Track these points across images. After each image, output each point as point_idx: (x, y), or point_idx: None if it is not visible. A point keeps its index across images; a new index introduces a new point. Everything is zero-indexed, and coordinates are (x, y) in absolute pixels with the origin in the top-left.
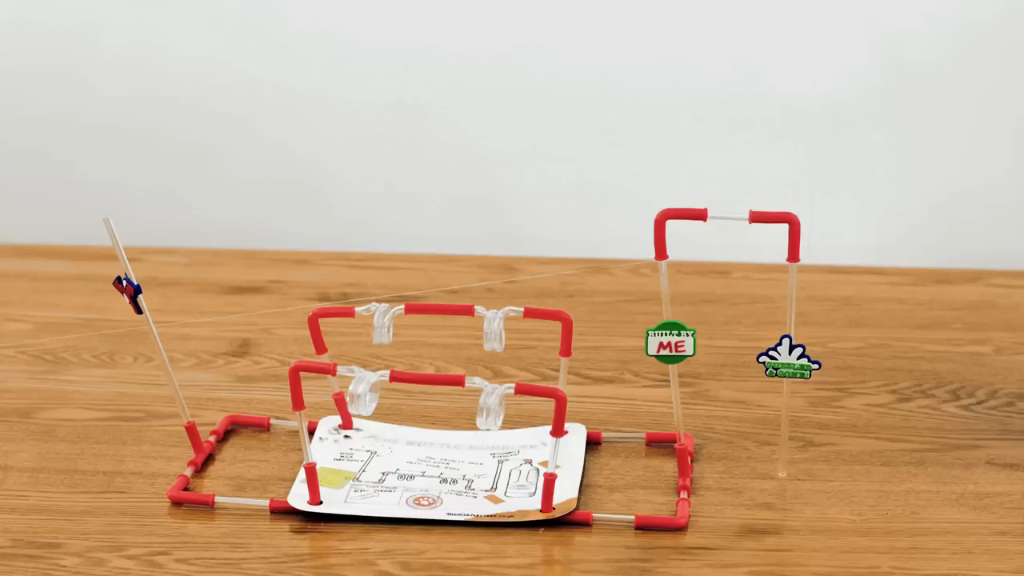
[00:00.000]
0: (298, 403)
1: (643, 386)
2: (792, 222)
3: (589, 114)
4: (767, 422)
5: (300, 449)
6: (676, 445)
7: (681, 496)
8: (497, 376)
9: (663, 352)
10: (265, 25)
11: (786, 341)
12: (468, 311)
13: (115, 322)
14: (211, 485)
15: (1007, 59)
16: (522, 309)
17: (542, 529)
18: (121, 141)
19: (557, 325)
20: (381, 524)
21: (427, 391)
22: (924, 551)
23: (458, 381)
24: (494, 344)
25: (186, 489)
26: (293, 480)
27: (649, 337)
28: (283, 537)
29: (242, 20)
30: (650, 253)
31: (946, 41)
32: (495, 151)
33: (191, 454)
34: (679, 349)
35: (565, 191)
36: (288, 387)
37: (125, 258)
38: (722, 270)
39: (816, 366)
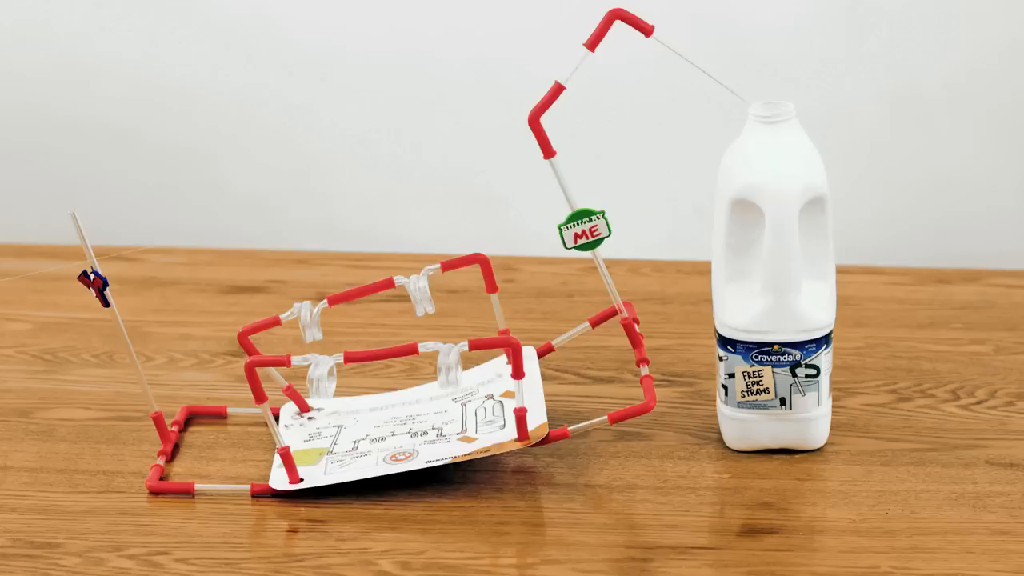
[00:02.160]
0: (260, 397)
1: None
2: (621, 17)
3: (589, 113)
4: None
5: (262, 438)
6: (620, 320)
7: (643, 372)
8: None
9: (581, 241)
10: (265, 26)
11: None
12: (388, 284)
13: (114, 322)
14: (185, 476)
15: (1007, 58)
16: (439, 265)
17: (521, 443)
18: (121, 141)
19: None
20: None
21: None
22: (924, 551)
23: (411, 350)
24: (425, 306)
25: (162, 479)
26: (268, 466)
27: (563, 232)
28: (282, 537)
29: (242, 22)
30: (651, 252)
31: (947, 41)
32: (494, 151)
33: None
34: (595, 233)
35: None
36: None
37: (91, 251)
38: None
39: None
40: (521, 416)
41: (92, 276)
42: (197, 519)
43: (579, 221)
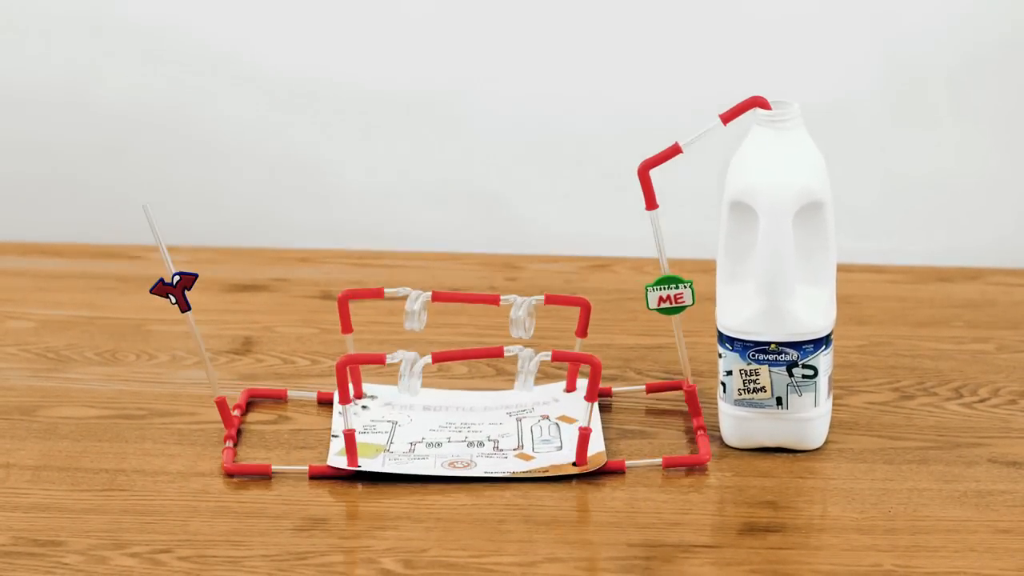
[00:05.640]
0: (345, 398)
1: (646, 383)
2: (761, 104)
3: (589, 113)
4: None
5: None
6: (684, 387)
7: (699, 434)
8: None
9: (664, 305)
10: (269, 23)
11: None
12: (494, 300)
13: (117, 320)
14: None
15: (1009, 58)
16: (543, 296)
17: (574, 481)
18: (123, 139)
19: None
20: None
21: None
22: (926, 549)
23: (497, 352)
24: (520, 332)
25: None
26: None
27: (648, 292)
28: (285, 535)
29: (247, 18)
30: (652, 250)
31: (948, 43)
32: (497, 149)
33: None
34: (679, 301)
35: (567, 189)
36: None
37: (166, 252)
38: None
39: None
40: (585, 436)
41: (176, 279)
42: (200, 517)
43: (666, 286)
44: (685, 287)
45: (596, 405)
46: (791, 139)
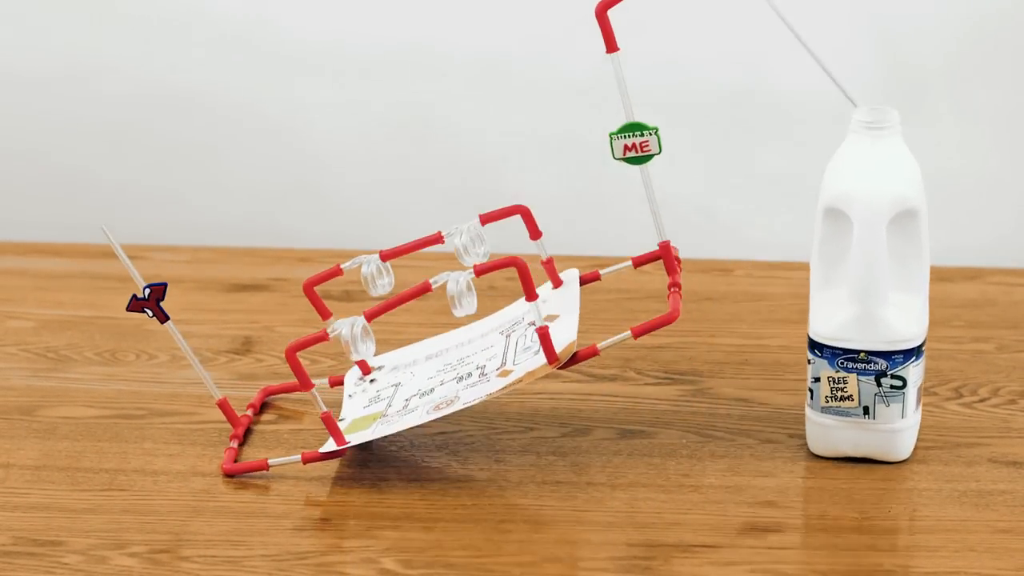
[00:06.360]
0: (306, 384)
1: (645, 384)
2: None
3: (589, 112)
4: (769, 420)
5: (319, 425)
6: (659, 244)
7: (672, 291)
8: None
9: (630, 154)
10: (267, 24)
11: None
12: (438, 240)
13: (117, 320)
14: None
15: (1010, 57)
16: (478, 218)
17: (551, 366)
18: (123, 139)
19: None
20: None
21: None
22: (926, 549)
23: (425, 288)
24: (470, 260)
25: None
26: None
27: (613, 141)
28: (285, 535)
29: (242, 21)
30: (652, 248)
31: (947, 40)
32: (495, 149)
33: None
34: (645, 149)
35: (566, 189)
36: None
37: (132, 267)
38: (724, 268)
39: None
40: (543, 335)
41: (147, 291)
42: (200, 517)
43: (631, 133)
44: (651, 134)
45: (575, 296)
46: (887, 146)
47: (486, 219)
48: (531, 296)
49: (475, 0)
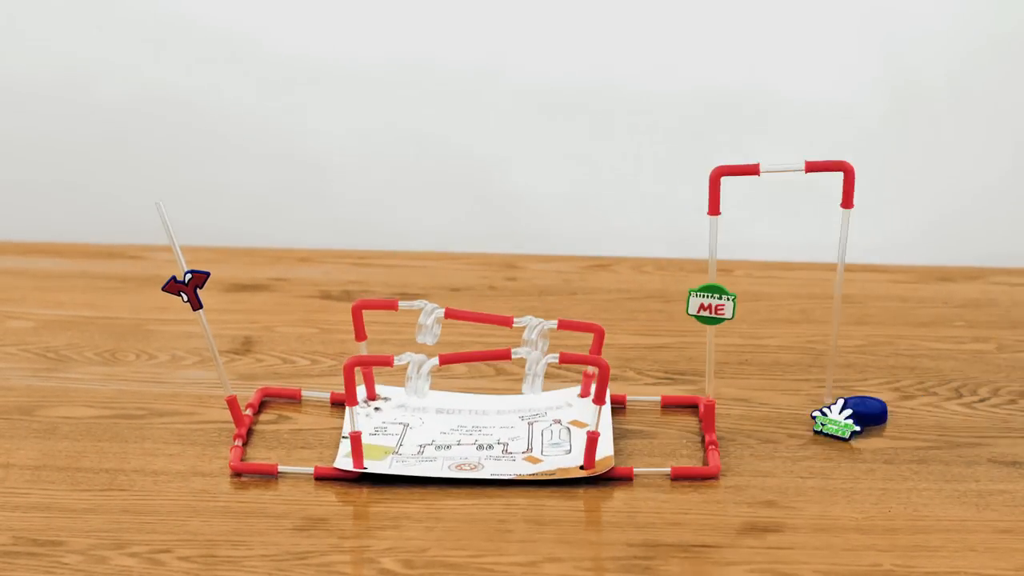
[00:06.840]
0: (352, 400)
1: (645, 384)
2: (847, 170)
3: (590, 112)
4: (769, 419)
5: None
6: (704, 401)
7: (710, 448)
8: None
9: (703, 313)
10: (268, 25)
11: (840, 402)
12: (507, 322)
13: (117, 320)
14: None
15: (1011, 57)
16: (556, 322)
17: (585, 471)
18: (123, 139)
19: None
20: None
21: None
22: (926, 549)
23: (504, 355)
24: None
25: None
26: (333, 451)
27: (691, 297)
28: (285, 535)
29: (246, 21)
30: (652, 250)
31: (951, 46)
32: (497, 149)
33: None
34: (718, 312)
35: (567, 188)
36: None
37: (178, 249)
38: (724, 268)
39: (858, 429)
40: (592, 439)
41: (188, 276)
42: (200, 517)
43: (710, 295)
44: (728, 299)
45: (607, 409)
46: None
47: (563, 326)
48: (600, 400)
49: (472, 4)
